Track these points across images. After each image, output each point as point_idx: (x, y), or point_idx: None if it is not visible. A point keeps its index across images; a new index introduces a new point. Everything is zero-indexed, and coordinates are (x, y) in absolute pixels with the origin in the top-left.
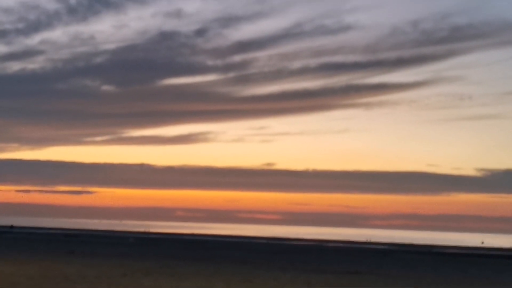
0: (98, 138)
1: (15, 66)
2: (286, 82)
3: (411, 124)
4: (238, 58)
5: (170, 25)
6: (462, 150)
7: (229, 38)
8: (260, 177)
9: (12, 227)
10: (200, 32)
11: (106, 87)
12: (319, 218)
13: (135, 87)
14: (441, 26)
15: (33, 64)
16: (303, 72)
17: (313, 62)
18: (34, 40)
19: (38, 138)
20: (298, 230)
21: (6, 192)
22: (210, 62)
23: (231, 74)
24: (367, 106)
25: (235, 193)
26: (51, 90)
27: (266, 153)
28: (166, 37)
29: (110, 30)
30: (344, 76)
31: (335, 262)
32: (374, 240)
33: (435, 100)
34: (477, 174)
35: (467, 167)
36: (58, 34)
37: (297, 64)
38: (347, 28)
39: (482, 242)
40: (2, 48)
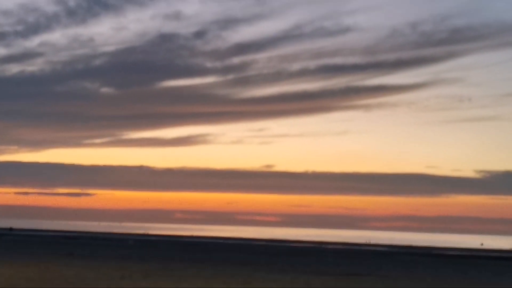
0: (97, 140)
1: (14, 69)
2: (286, 84)
3: (411, 125)
4: (237, 60)
5: (169, 27)
6: (462, 152)
7: (228, 40)
8: (259, 179)
9: (11, 230)
10: (199, 34)
11: (105, 89)
12: (319, 220)
13: (134, 89)
14: (440, 28)
15: (32, 66)
16: (303, 74)
17: (312, 64)
18: (33, 42)
19: (37, 140)
20: (298, 232)
21: (5, 194)
22: (209, 64)
23: (230, 76)
24: (367, 108)
25: (235, 195)
26: (50, 92)
27: (266, 155)
28: (165, 39)
29: (109, 32)
30: (343, 78)
31: (335, 264)
32: (373, 242)
33: (435, 101)
34: (476, 175)
35: (467, 169)
36: (57, 36)
37: (296, 66)
38: (346, 30)
39: (482, 244)
40: (1, 50)
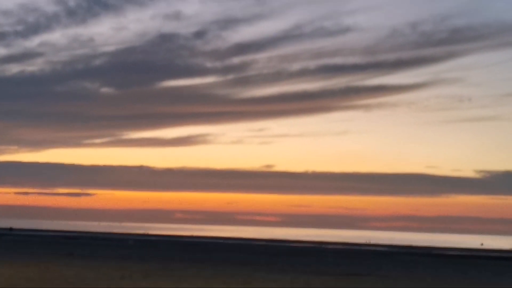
0: (97, 140)
1: (14, 69)
2: (286, 84)
3: (411, 125)
4: (237, 60)
5: (169, 27)
6: (462, 152)
7: (228, 40)
8: (259, 179)
9: (11, 230)
10: (199, 34)
11: (105, 89)
12: (319, 220)
13: (134, 89)
14: (440, 28)
15: (32, 66)
16: (303, 74)
17: (312, 64)
18: (33, 42)
19: (37, 140)
20: (298, 232)
21: (5, 194)
22: (209, 64)
23: (230, 76)
24: (367, 107)
25: (235, 195)
26: (50, 92)
27: (266, 155)
28: (165, 39)
29: (109, 32)
30: (343, 78)
31: (335, 264)
32: (373, 242)
33: (435, 101)
34: (476, 175)
35: (467, 169)
36: (57, 36)
37: (296, 66)
38: (346, 30)
39: (482, 244)
40: (1, 50)
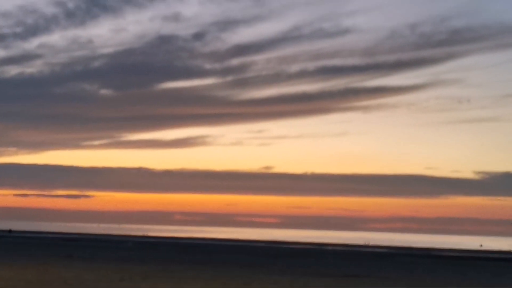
0: (96, 142)
1: (13, 70)
2: (285, 86)
3: (410, 127)
4: (236, 62)
5: (168, 28)
6: (461, 153)
7: (227, 41)
8: (258, 180)
9: (10, 232)
10: (198, 35)
11: (104, 91)
12: (318, 221)
13: (133, 91)
14: (439, 29)
15: (31, 68)
16: (302, 75)
17: (311, 65)
18: (32, 44)
19: (36, 142)
20: (297, 234)
21: (4, 196)
22: (208, 66)
23: (229, 78)
24: (366, 109)
25: (234, 196)
26: (49, 94)
27: (265, 156)
28: (164, 40)
29: (108, 34)
30: (342, 79)
31: (334, 265)
32: (373, 243)
33: (434, 103)
34: (475, 177)
35: (466, 170)
36: (56, 38)
37: (295, 67)
38: (346, 31)
39: (481, 245)
40: (0, 52)
